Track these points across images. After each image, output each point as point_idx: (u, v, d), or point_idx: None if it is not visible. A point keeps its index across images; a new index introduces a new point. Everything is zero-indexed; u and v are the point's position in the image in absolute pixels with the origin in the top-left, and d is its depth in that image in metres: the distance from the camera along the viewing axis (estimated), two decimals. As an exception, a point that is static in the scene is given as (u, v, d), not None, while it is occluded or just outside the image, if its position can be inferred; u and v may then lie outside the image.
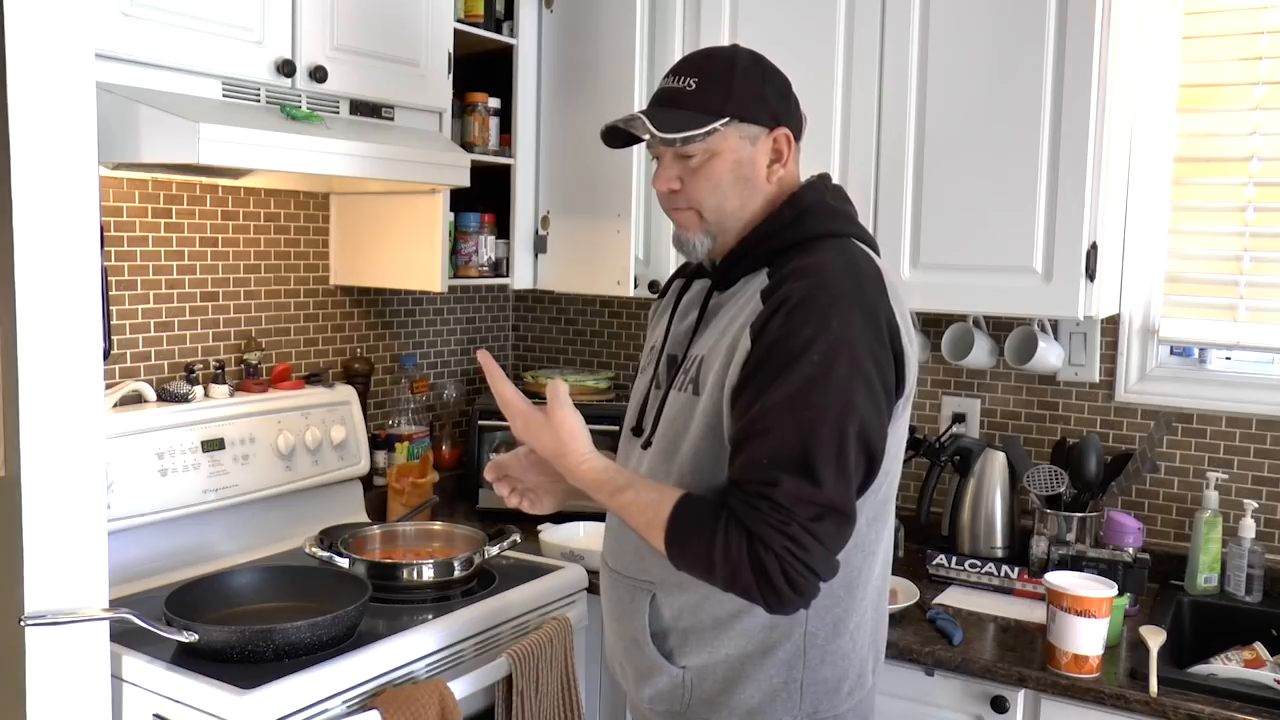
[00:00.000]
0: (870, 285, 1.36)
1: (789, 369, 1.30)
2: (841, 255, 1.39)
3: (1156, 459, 2.24)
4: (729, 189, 1.45)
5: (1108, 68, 1.95)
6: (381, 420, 2.64)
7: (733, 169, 1.44)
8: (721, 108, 1.42)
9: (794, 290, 1.34)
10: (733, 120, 1.43)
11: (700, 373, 1.44)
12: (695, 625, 1.44)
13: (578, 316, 3.03)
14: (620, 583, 1.53)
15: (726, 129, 1.43)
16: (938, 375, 2.50)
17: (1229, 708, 1.65)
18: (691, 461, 1.43)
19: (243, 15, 1.85)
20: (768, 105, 1.45)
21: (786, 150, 1.47)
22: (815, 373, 1.29)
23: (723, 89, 1.43)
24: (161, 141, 1.67)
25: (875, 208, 2.16)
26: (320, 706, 1.62)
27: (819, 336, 1.30)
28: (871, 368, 1.32)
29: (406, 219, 2.38)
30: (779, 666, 1.42)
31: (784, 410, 1.29)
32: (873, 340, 1.32)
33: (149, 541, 2.01)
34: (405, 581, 2.00)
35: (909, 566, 2.28)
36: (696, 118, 1.42)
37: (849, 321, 1.31)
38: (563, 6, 2.49)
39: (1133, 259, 2.27)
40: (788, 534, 1.27)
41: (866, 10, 2.15)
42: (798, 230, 1.43)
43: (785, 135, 1.47)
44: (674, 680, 1.46)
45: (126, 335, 2.10)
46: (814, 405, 1.28)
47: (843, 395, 1.29)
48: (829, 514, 1.29)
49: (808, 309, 1.32)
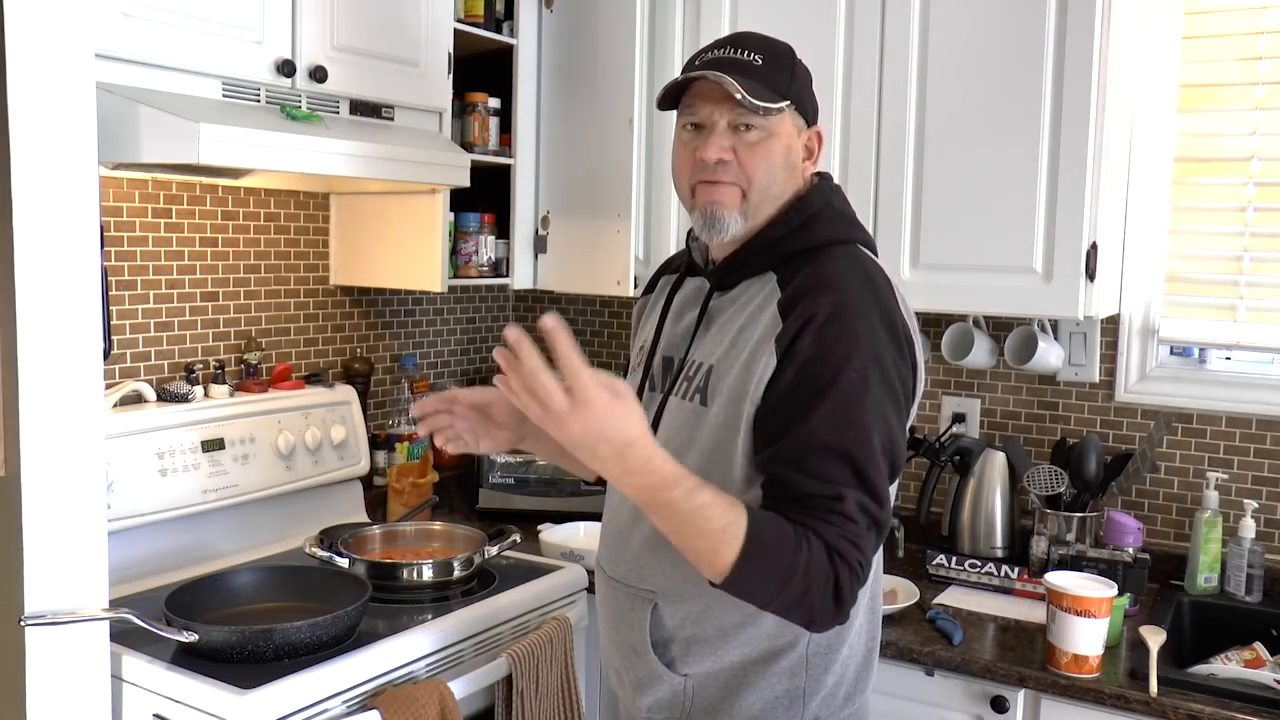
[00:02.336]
0: (886, 296, 1.36)
1: (830, 387, 1.29)
2: (854, 265, 1.39)
3: (1156, 459, 2.24)
4: (779, 171, 1.42)
5: (1108, 68, 1.95)
6: (381, 420, 2.64)
7: (785, 153, 1.42)
8: (788, 90, 1.41)
9: (820, 306, 1.32)
10: (792, 106, 1.42)
11: (710, 383, 1.40)
12: (699, 634, 1.42)
13: (578, 316, 3.03)
14: (619, 591, 1.49)
15: (787, 113, 1.42)
16: (938, 375, 2.50)
17: (1229, 708, 1.65)
18: (699, 474, 1.34)
19: (243, 15, 1.85)
20: (813, 101, 1.47)
21: (818, 149, 1.48)
22: (854, 390, 1.29)
23: (788, 73, 1.43)
24: (161, 141, 1.67)
25: (875, 207, 2.16)
26: (320, 706, 1.62)
27: (853, 354, 1.29)
28: (896, 380, 1.33)
29: (406, 219, 2.38)
30: (782, 675, 1.40)
31: (832, 428, 1.28)
32: (895, 353, 1.33)
33: (149, 541, 2.01)
34: (405, 581, 2.00)
35: (909, 566, 2.28)
36: (770, 93, 1.39)
37: (876, 336, 1.31)
38: (563, 6, 2.49)
39: (1133, 259, 2.27)
40: (860, 546, 1.26)
41: (866, 10, 2.15)
42: (806, 236, 1.41)
43: (819, 135, 1.48)
44: (675, 688, 1.44)
45: (126, 335, 2.10)
46: (857, 422, 1.28)
47: (879, 411, 1.30)
48: (876, 527, 1.29)
49: (838, 326, 1.31)
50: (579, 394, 1.16)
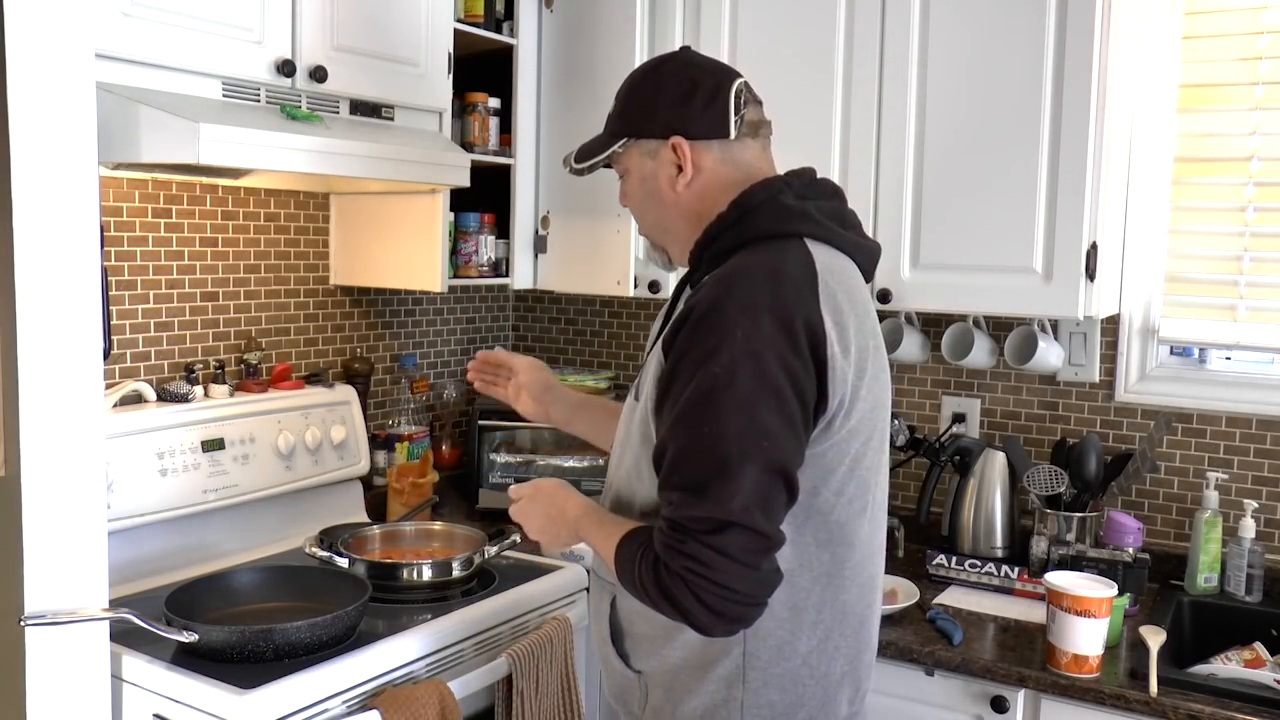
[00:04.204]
0: (791, 290, 1.28)
1: (693, 382, 1.25)
2: (772, 258, 1.32)
3: (1156, 459, 2.24)
4: (643, 206, 1.48)
5: (1108, 68, 1.95)
6: (381, 420, 2.64)
7: (640, 186, 1.46)
8: (620, 128, 1.45)
9: (702, 299, 1.29)
10: (630, 139, 1.44)
11: (640, 379, 1.44)
12: (647, 631, 1.42)
13: (578, 316, 3.03)
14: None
15: (626, 149, 1.44)
16: (938, 375, 2.50)
17: (1229, 708, 1.65)
18: (634, 469, 1.42)
19: (243, 15, 1.85)
20: (658, 116, 1.42)
21: (688, 158, 1.41)
22: (716, 385, 1.24)
23: (623, 108, 1.46)
24: (162, 141, 1.67)
25: (875, 208, 2.17)
26: (320, 706, 1.62)
27: (721, 347, 1.24)
28: (783, 379, 1.24)
29: (406, 219, 2.38)
30: (718, 683, 1.37)
31: (684, 426, 1.26)
32: (785, 349, 1.25)
33: (149, 541, 2.01)
34: (405, 581, 2.00)
35: (909, 566, 2.28)
36: (604, 141, 1.46)
37: (757, 330, 1.24)
38: (563, 6, 2.49)
39: (1133, 259, 2.27)
40: (684, 552, 1.23)
41: (866, 10, 2.15)
42: (738, 231, 1.38)
43: (678, 144, 1.41)
44: (631, 683, 1.46)
45: (126, 335, 2.10)
46: (713, 420, 1.24)
47: (746, 409, 1.23)
48: (731, 528, 1.22)
49: (713, 319, 1.26)
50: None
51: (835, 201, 1.46)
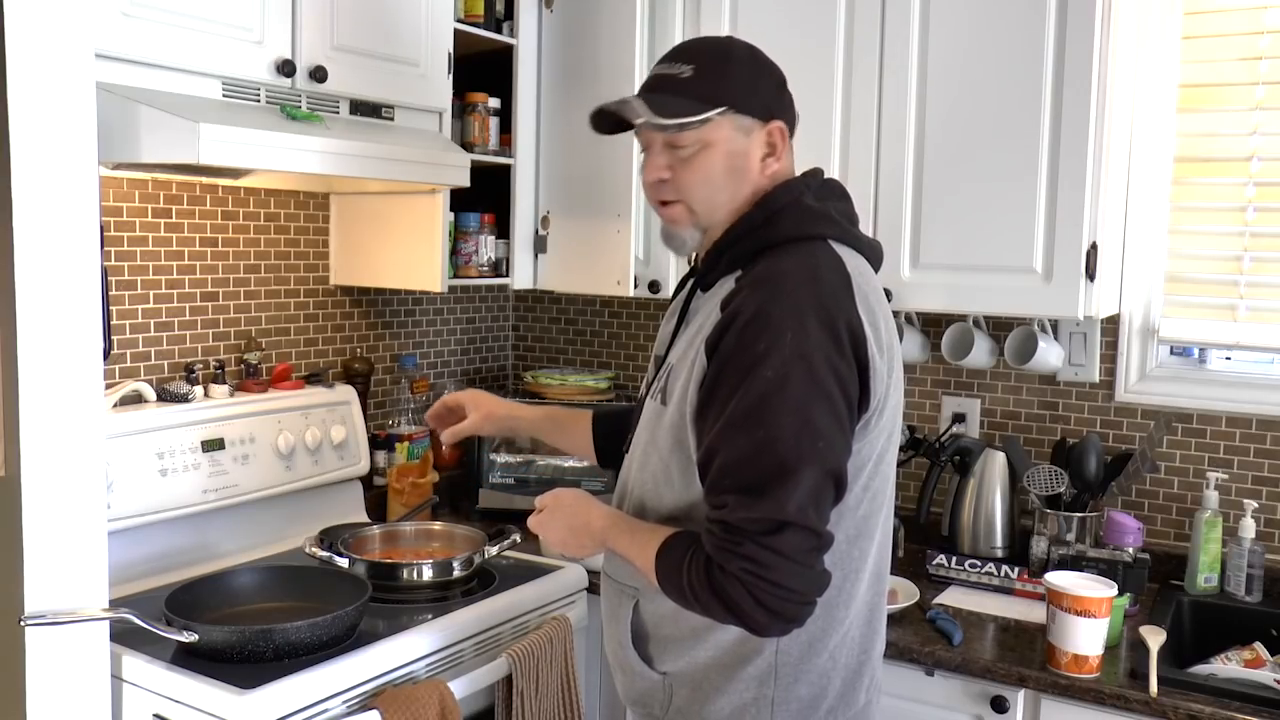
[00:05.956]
0: (831, 293, 1.30)
1: (742, 387, 1.26)
2: (806, 261, 1.34)
3: (1156, 459, 2.24)
4: (721, 181, 1.40)
5: (1108, 68, 1.95)
6: (381, 420, 2.64)
7: (725, 160, 1.40)
8: (718, 96, 1.38)
9: (747, 302, 1.29)
10: (728, 110, 1.39)
11: (668, 383, 1.42)
12: (674, 634, 1.43)
13: (578, 316, 3.03)
14: (610, 586, 1.53)
15: (722, 118, 1.39)
16: (938, 375, 2.50)
17: (1229, 708, 1.65)
18: (662, 474, 1.41)
19: (243, 15, 1.85)
20: (762, 97, 1.42)
21: (781, 144, 1.43)
22: (769, 389, 1.25)
23: (719, 77, 1.39)
24: (162, 141, 1.67)
25: (875, 208, 2.16)
26: (320, 706, 1.62)
27: (772, 351, 1.25)
28: (831, 382, 1.27)
29: (406, 219, 2.38)
30: (750, 681, 1.39)
31: (738, 430, 1.26)
32: (832, 352, 1.27)
33: (149, 541, 2.01)
34: (405, 581, 2.00)
35: (909, 566, 2.28)
36: (693, 104, 1.37)
37: (805, 334, 1.26)
38: (563, 6, 2.49)
39: (1133, 259, 2.27)
40: (741, 554, 1.24)
41: (866, 9, 2.15)
42: (767, 233, 1.38)
43: (780, 129, 1.43)
44: (654, 685, 1.45)
45: (126, 335, 2.10)
46: (768, 424, 1.25)
47: (800, 412, 1.25)
48: (788, 529, 1.24)
49: (761, 323, 1.27)
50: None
51: (846, 203, 1.48)
